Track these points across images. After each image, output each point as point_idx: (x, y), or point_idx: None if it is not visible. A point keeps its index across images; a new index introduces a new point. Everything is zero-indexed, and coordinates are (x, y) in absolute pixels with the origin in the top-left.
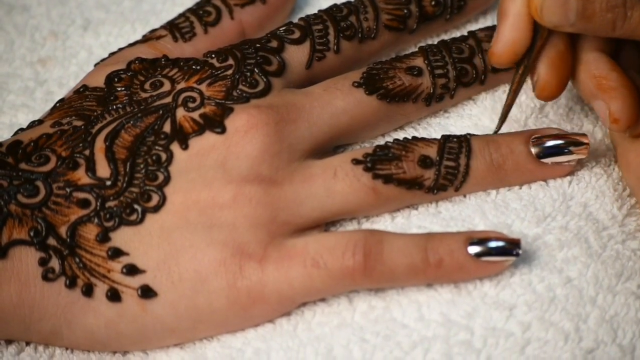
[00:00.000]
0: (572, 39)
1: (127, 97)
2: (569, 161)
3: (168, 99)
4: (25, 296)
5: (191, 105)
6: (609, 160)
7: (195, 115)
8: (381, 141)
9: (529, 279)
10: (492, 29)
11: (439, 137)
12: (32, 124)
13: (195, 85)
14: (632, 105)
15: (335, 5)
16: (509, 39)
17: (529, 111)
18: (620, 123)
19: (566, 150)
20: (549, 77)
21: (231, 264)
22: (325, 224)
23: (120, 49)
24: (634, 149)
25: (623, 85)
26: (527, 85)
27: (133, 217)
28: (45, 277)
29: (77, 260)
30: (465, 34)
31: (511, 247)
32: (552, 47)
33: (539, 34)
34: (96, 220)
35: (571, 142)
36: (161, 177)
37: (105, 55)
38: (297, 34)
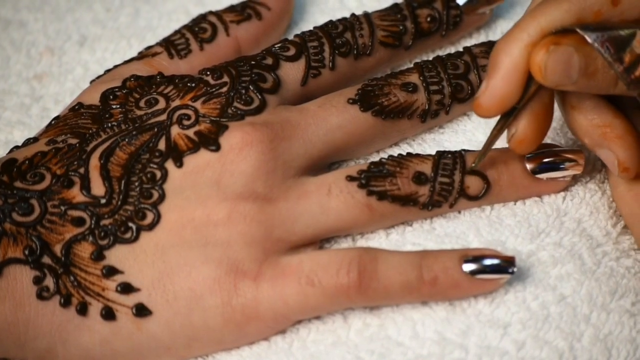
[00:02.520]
0: (560, 91)
1: (122, 115)
2: (564, 177)
3: (163, 117)
4: (20, 315)
5: (186, 122)
6: (603, 177)
7: (190, 132)
8: (376, 158)
9: (523, 296)
10: (487, 45)
11: (433, 153)
12: (27, 142)
13: (190, 102)
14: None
15: (330, 21)
16: (498, 93)
17: None
18: (630, 171)
19: (561, 166)
20: (529, 131)
21: (226, 282)
22: (320, 241)
23: (116, 66)
24: (624, 182)
25: (629, 132)
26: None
27: (128, 235)
28: (39, 296)
29: (72, 278)
30: (461, 49)
31: (506, 265)
32: (538, 101)
33: (529, 89)
34: (91, 238)
35: (566, 158)
36: (156, 195)
37: (101, 71)
38: (292, 51)
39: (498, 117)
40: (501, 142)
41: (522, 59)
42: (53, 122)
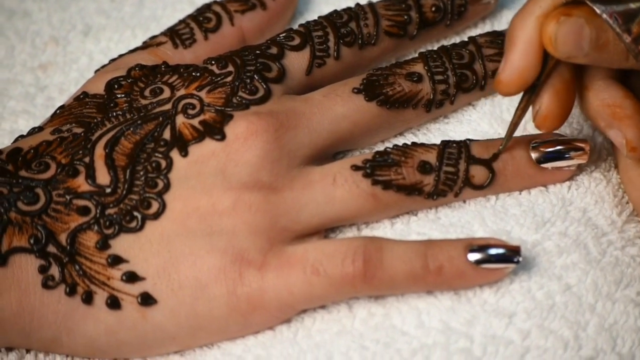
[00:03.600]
0: (578, 68)
1: (127, 104)
2: (569, 166)
3: (168, 106)
4: (26, 304)
5: (191, 112)
6: (608, 165)
7: (195, 122)
8: (381, 147)
9: (528, 286)
10: (492, 35)
11: (438, 142)
12: (32, 131)
13: (195, 92)
14: None
15: (335, 11)
16: (517, 66)
17: (529, 116)
18: (638, 151)
19: (566, 156)
20: (553, 107)
21: (231, 271)
22: (325, 231)
23: (121, 56)
24: (635, 167)
25: (638, 112)
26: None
27: (133, 224)
28: (45, 285)
29: (77, 267)
30: (466, 39)
31: (511, 255)
32: (558, 77)
33: (547, 63)
34: (96, 227)
35: (571, 147)
36: (161, 184)
37: (106, 60)
38: (297, 41)
39: (519, 99)
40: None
41: (536, 31)
42: (58, 112)
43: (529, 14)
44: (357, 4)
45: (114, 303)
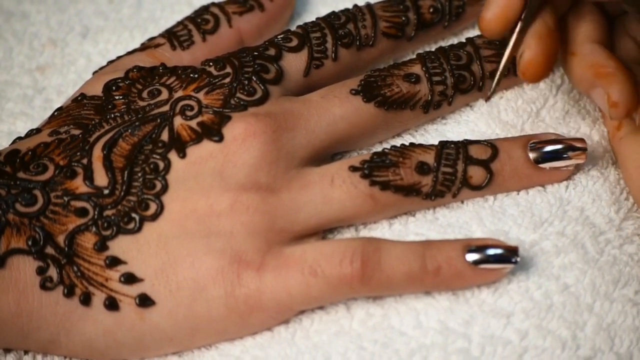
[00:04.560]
0: (561, 20)
1: (124, 106)
2: (567, 166)
3: (166, 108)
4: (24, 305)
5: (189, 113)
6: (606, 163)
7: (193, 123)
8: (379, 148)
9: (526, 286)
10: None
11: (436, 143)
12: (30, 133)
13: (193, 93)
14: (631, 90)
15: (333, 13)
16: (500, 2)
17: (526, 116)
18: (620, 107)
19: (564, 155)
20: (536, 52)
21: (229, 272)
22: (323, 231)
23: (119, 57)
24: (632, 159)
25: (620, 70)
26: (522, 90)
27: (131, 225)
28: (43, 286)
29: (75, 269)
30: (463, 40)
31: (509, 255)
32: (541, 22)
33: (530, 3)
34: (94, 229)
35: (569, 146)
36: (159, 185)
37: (104, 62)
38: (294, 42)
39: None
40: (504, 133)
41: None
42: (56, 113)
43: None
44: (355, 5)
45: (112, 304)
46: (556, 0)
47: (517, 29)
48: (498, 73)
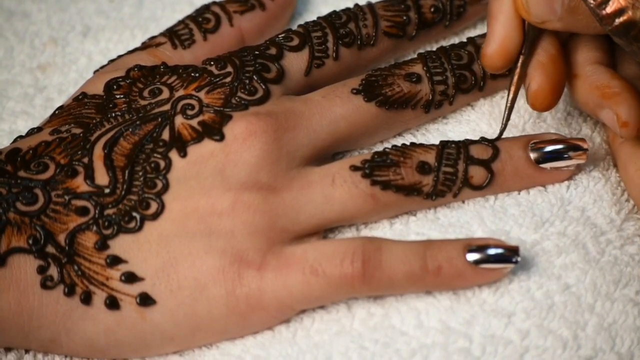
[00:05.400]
0: (563, 44)
1: (125, 105)
2: (568, 166)
3: (167, 107)
4: (24, 304)
5: (190, 112)
6: (607, 164)
7: (194, 122)
8: (380, 148)
9: (527, 285)
10: None
11: (437, 143)
12: (31, 132)
13: (194, 92)
14: (639, 107)
15: (334, 12)
16: (499, 37)
17: (527, 116)
18: (630, 126)
19: (565, 156)
20: (542, 81)
21: (230, 272)
22: (324, 231)
23: (120, 57)
24: (632, 162)
25: (627, 89)
26: (524, 90)
27: (132, 224)
28: (44, 285)
29: (76, 268)
30: (464, 40)
31: (510, 255)
32: (543, 51)
33: (529, 33)
34: (95, 228)
35: (570, 147)
36: (160, 184)
37: (105, 61)
38: (295, 41)
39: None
40: (505, 133)
41: (512, 1)
42: (57, 112)
43: None
44: (356, 5)
45: (112, 303)
46: None
47: (520, 61)
48: (507, 108)
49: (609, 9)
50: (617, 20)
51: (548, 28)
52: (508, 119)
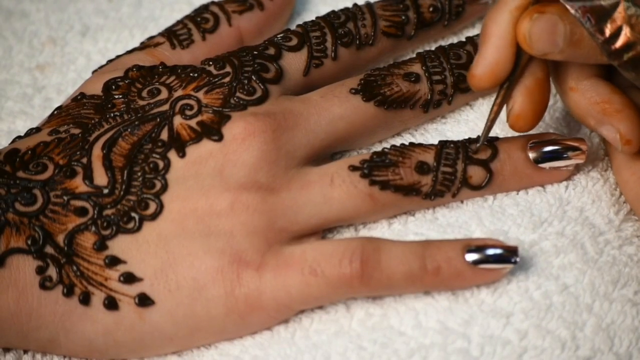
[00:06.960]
0: (551, 68)
1: (124, 105)
2: (566, 166)
3: (165, 107)
4: (23, 304)
5: (188, 112)
6: (606, 165)
7: (193, 122)
8: (378, 148)
9: (525, 286)
10: None
11: (436, 142)
12: (30, 132)
13: (192, 92)
14: None
15: (333, 11)
16: (490, 61)
17: None
18: (633, 144)
19: (564, 155)
20: (525, 106)
21: (229, 272)
22: (323, 231)
23: (118, 57)
24: (627, 167)
25: (628, 106)
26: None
27: (130, 225)
28: (42, 286)
29: (75, 268)
30: (463, 39)
31: (509, 255)
32: (530, 76)
33: (521, 58)
34: (93, 228)
35: (569, 147)
36: (158, 185)
37: (104, 61)
38: (294, 41)
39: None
40: (504, 133)
41: (509, 26)
42: (55, 112)
43: (503, 8)
44: (355, 4)
45: (111, 304)
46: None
47: (506, 85)
48: (487, 125)
49: (618, 44)
50: (626, 55)
51: (549, 59)
52: (486, 136)
